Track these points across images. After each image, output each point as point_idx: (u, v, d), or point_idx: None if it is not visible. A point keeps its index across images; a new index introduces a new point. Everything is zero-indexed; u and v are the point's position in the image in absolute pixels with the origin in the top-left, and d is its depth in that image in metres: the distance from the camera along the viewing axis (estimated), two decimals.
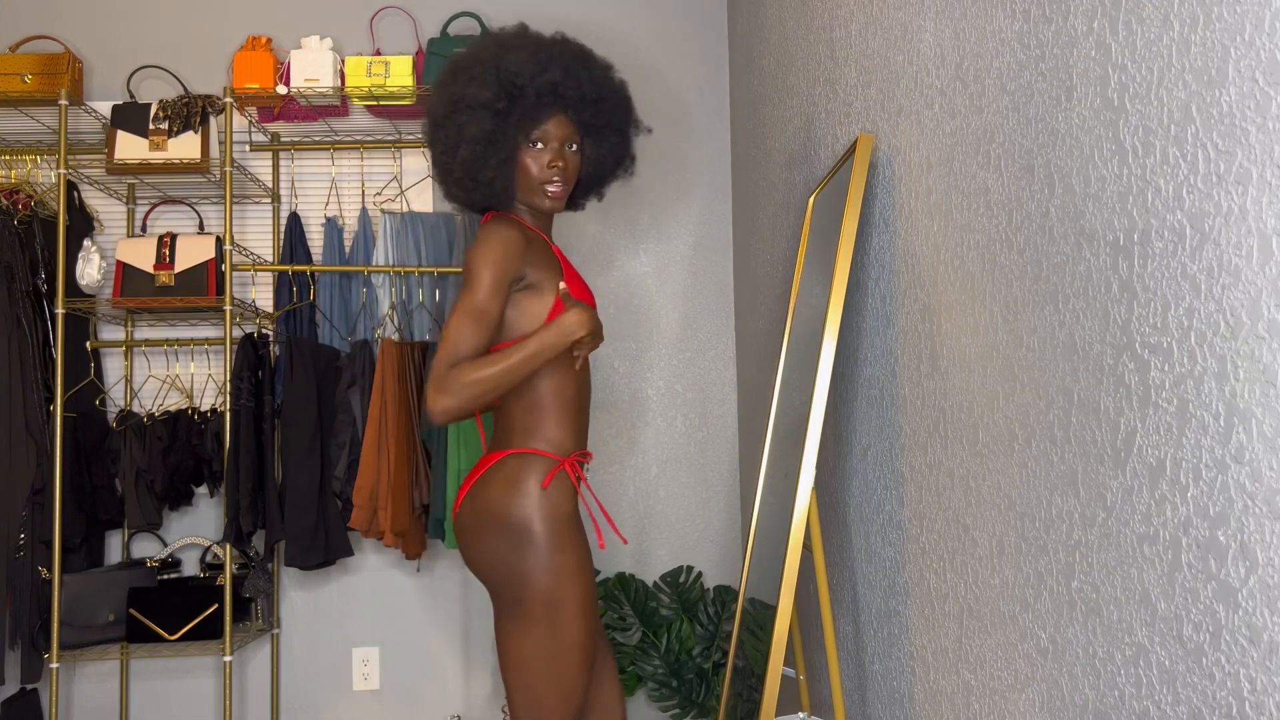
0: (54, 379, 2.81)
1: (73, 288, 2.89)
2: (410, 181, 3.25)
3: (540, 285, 1.75)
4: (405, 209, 3.21)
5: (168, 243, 2.86)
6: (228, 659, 2.70)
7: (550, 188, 1.78)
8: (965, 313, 1.30)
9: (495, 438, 1.83)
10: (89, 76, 3.23)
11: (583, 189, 1.95)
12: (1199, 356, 0.83)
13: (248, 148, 3.20)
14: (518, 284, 1.74)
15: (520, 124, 1.75)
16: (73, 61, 2.88)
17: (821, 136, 2.06)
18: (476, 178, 1.77)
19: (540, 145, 1.78)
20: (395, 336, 3.00)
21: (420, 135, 3.24)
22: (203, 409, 3.02)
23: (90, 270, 2.91)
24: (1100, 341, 0.98)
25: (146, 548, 3.14)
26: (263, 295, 3.18)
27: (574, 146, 1.82)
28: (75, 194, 3.04)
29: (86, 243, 2.94)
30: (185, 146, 2.87)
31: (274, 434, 2.82)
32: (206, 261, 2.85)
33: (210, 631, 2.81)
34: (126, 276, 2.83)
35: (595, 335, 1.77)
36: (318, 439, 2.81)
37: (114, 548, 3.12)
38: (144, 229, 3.20)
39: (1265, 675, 0.76)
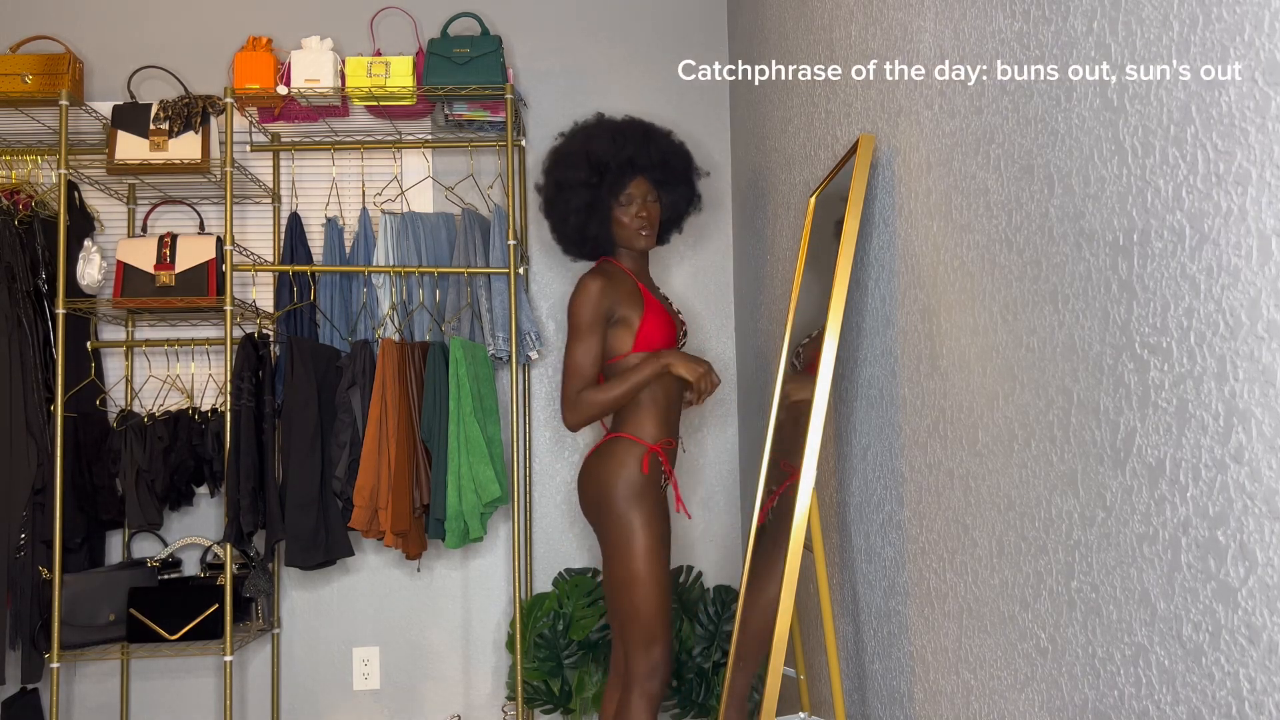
0: (54, 379, 2.81)
1: (73, 288, 2.89)
2: (410, 182, 3.25)
3: (627, 319, 2.27)
4: (405, 209, 3.21)
5: (168, 243, 2.86)
6: (228, 659, 2.71)
7: (642, 232, 2.34)
8: (965, 313, 1.30)
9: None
10: (89, 76, 3.23)
11: (666, 227, 2.49)
12: (1198, 356, 0.83)
13: (248, 148, 3.20)
14: (611, 319, 2.26)
15: (611, 190, 2.30)
16: (73, 62, 2.88)
17: (821, 136, 2.06)
18: (584, 235, 2.34)
19: (627, 203, 2.32)
20: (395, 336, 3.00)
21: (420, 136, 3.24)
22: (203, 409, 3.02)
23: (91, 270, 2.91)
24: (1100, 341, 0.98)
25: (147, 548, 3.14)
26: (263, 295, 3.18)
27: (653, 198, 2.36)
28: (76, 194, 3.04)
29: (87, 243, 2.94)
30: (186, 147, 2.87)
31: (274, 434, 2.82)
32: (207, 262, 2.85)
33: (211, 631, 2.81)
34: (127, 276, 2.83)
35: (704, 377, 2.23)
36: (318, 439, 2.81)
37: (114, 548, 3.12)
38: (144, 229, 3.20)
39: (1264, 675, 0.76)
